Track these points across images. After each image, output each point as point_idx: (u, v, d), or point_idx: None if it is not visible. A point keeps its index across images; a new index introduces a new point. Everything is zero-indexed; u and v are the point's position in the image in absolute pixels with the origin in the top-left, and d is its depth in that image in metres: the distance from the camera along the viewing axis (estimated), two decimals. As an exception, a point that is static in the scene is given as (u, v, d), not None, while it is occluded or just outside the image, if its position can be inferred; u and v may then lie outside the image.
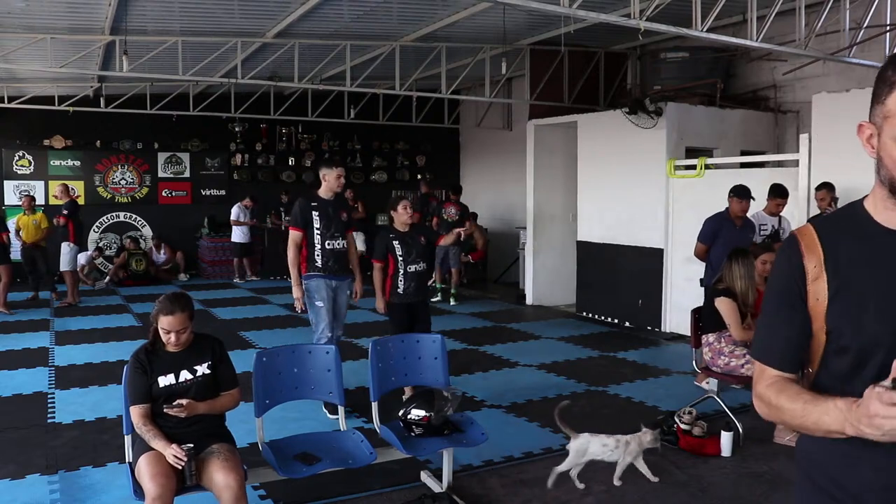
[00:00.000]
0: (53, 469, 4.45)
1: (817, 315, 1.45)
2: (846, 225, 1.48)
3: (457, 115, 15.93)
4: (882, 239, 1.41)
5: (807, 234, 1.49)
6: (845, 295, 1.41)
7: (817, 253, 1.45)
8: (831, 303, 1.43)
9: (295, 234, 5.57)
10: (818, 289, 1.44)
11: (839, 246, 1.44)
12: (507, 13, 8.18)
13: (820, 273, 1.44)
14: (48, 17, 8.07)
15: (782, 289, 1.51)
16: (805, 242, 1.48)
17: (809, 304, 1.46)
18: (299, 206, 5.63)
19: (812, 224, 1.51)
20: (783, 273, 1.51)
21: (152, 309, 3.35)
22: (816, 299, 1.45)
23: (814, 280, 1.45)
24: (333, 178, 5.68)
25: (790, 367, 1.52)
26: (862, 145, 1.41)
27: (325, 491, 4.04)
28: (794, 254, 1.49)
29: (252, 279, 13.68)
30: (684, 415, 4.89)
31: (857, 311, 1.39)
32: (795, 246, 1.49)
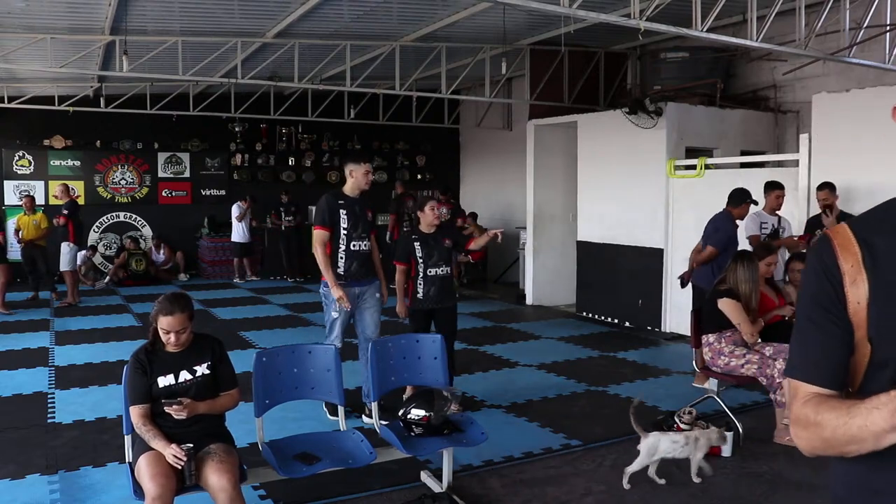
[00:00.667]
0: (53, 469, 4.45)
1: (859, 322, 1.27)
2: (887, 219, 1.30)
3: (457, 115, 15.93)
4: None
5: (840, 232, 1.32)
6: (889, 298, 1.24)
7: (853, 251, 1.28)
8: (873, 306, 1.25)
9: (322, 234, 5.20)
10: (858, 292, 1.27)
11: (879, 243, 1.27)
12: (507, 13, 8.18)
13: (858, 273, 1.27)
14: (48, 17, 8.07)
15: (815, 293, 1.33)
16: (839, 241, 1.30)
17: (850, 309, 1.28)
18: (326, 203, 5.24)
19: (846, 223, 1.34)
20: (816, 276, 1.33)
21: (152, 309, 3.35)
22: (857, 303, 1.27)
23: (852, 282, 1.27)
24: (361, 174, 5.28)
25: (829, 381, 1.32)
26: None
27: (325, 491, 4.04)
28: (826, 255, 1.31)
29: (252, 279, 13.68)
30: (684, 415, 4.89)
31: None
32: (828, 246, 1.31)
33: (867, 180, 6.78)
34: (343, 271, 5.21)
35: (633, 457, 4.23)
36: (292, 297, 11.80)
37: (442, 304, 5.48)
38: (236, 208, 13.48)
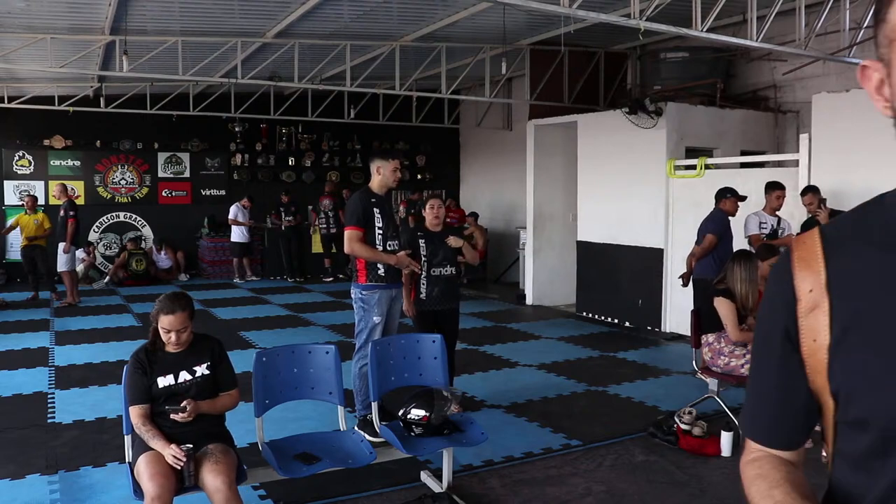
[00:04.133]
0: (53, 469, 4.45)
1: (816, 365, 0.98)
2: (866, 227, 0.97)
3: (457, 115, 15.93)
4: None
5: (806, 242, 1.01)
6: (858, 335, 0.93)
7: (815, 269, 0.98)
8: (836, 347, 0.95)
9: (356, 234, 4.84)
10: (816, 324, 0.96)
11: (852, 259, 0.96)
12: (507, 13, 8.17)
13: (820, 300, 0.96)
14: (48, 17, 8.07)
15: (764, 325, 1.06)
16: (799, 254, 1.00)
17: (804, 348, 0.98)
18: (359, 202, 4.93)
19: (820, 229, 1.03)
20: (767, 302, 1.05)
21: (152, 309, 3.36)
22: (813, 340, 0.97)
23: (809, 311, 0.97)
24: (389, 171, 4.99)
25: (772, 440, 1.08)
26: (872, 99, 0.97)
27: (325, 491, 4.04)
28: (782, 272, 1.01)
29: (252, 279, 13.69)
30: (684, 415, 4.89)
31: (878, 362, 0.91)
32: (785, 261, 1.02)
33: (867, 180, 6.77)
34: (384, 273, 4.93)
35: (634, 457, 4.23)
36: (292, 297, 11.80)
37: (445, 306, 5.39)
38: (234, 208, 13.47)
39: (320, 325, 9.40)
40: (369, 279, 4.91)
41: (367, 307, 4.93)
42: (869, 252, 0.95)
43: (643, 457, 4.68)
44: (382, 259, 4.87)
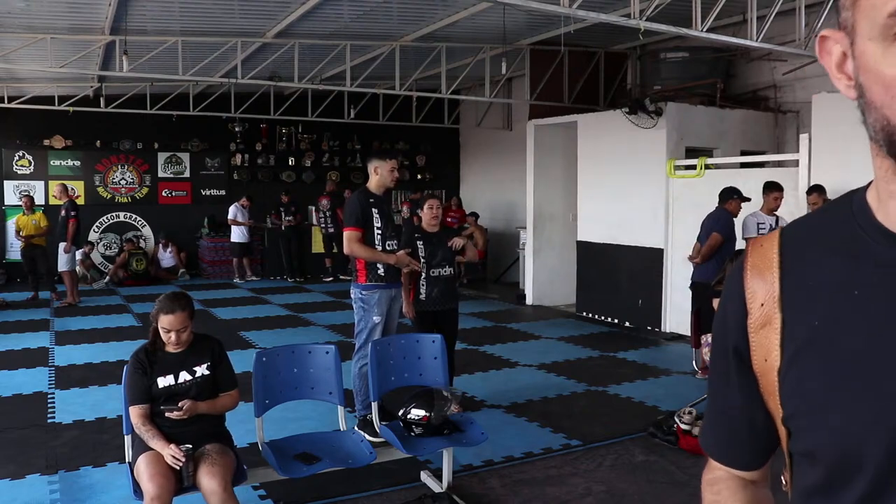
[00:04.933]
0: (53, 469, 4.45)
1: (768, 387, 0.86)
2: (830, 231, 0.84)
3: (457, 115, 15.93)
4: (888, 254, 0.77)
5: (763, 245, 0.89)
6: (810, 359, 0.80)
7: (769, 279, 0.85)
8: (787, 370, 0.83)
9: (355, 234, 4.84)
10: (766, 342, 0.85)
11: (812, 268, 0.83)
12: (507, 13, 8.17)
13: (772, 315, 0.84)
14: (48, 17, 8.07)
15: (715, 340, 0.96)
16: (753, 260, 0.88)
17: (755, 367, 0.87)
18: (358, 202, 4.93)
19: (781, 231, 0.89)
20: (718, 313, 0.94)
21: (152, 309, 3.36)
22: (764, 360, 0.85)
23: (761, 326, 0.85)
24: (387, 171, 5.00)
25: (736, 461, 0.99)
26: (833, 78, 0.79)
27: (325, 491, 4.04)
28: (733, 281, 0.90)
29: (252, 279, 13.68)
30: (684, 415, 4.89)
31: (828, 391, 0.78)
32: (738, 268, 0.90)
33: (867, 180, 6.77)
34: (383, 272, 4.93)
35: (634, 457, 4.23)
36: (292, 297, 11.80)
37: (445, 306, 5.39)
38: (234, 209, 13.47)
39: (320, 325, 9.40)
40: (369, 279, 4.92)
41: (366, 307, 4.93)
42: (830, 261, 0.81)
43: (643, 457, 4.68)
44: (382, 259, 4.88)
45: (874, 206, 0.80)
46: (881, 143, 0.72)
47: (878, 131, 0.71)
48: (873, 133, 0.72)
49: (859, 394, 0.75)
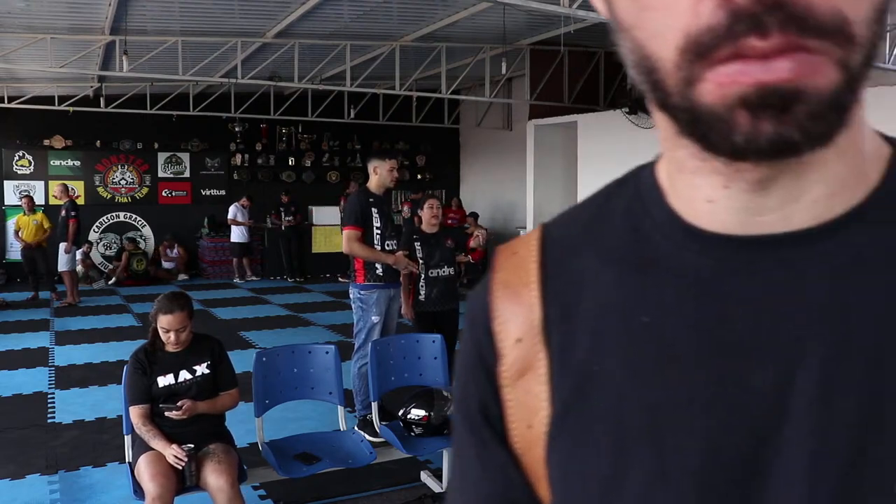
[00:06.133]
0: (53, 469, 4.45)
1: (534, 466, 0.55)
2: (609, 225, 0.55)
3: (457, 115, 15.94)
4: (688, 258, 0.49)
5: (517, 252, 0.59)
6: (585, 419, 0.52)
7: (527, 300, 0.56)
8: (555, 438, 0.53)
9: (354, 233, 4.84)
10: (528, 397, 0.55)
11: (585, 280, 0.54)
12: (507, 13, 8.18)
13: (533, 355, 0.55)
14: (48, 17, 8.07)
15: (457, 398, 0.62)
16: (504, 275, 0.58)
17: (514, 438, 0.56)
18: (357, 201, 4.95)
19: (542, 229, 0.60)
20: (459, 359, 0.62)
21: (152, 308, 3.36)
22: (528, 426, 0.55)
23: (519, 374, 0.55)
24: (386, 170, 4.99)
25: None
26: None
27: (325, 491, 4.04)
28: (476, 308, 0.59)
29: (252, 279, 13.69)
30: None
31: (609, 476, 0.50)
32: (482, 289, 0.60)
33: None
34: (382, 272, 4.94)
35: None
36: (292, 297, 11.80)
37: (445, 307, 5.35)
38: (234, 209, 13.47)
39: (320, 325, 9.40)
40: (367, 279, 4.92)
41: (365, 307, 4.94)
42: (610, 272, 0.53)
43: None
44: (381, 259, 4.88)
45: (665, 186, 0.52)
46: (643, 83, 0.46)
47: (636, 66, 0.46)
48: (634, 73, 0.47)
49: (652, 478, 0.48)
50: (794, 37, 0.38)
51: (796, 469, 0.45)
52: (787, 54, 0.38)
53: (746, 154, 0.41)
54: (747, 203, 0.46)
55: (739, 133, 0.40)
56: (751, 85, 0.39)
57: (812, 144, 0.41)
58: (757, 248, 0.47)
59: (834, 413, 0.44)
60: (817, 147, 0.41)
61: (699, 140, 0.43)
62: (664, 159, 0.53)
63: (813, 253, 0.46)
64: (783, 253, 0.47)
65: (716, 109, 0.40)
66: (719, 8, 0.38)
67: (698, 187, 0.48)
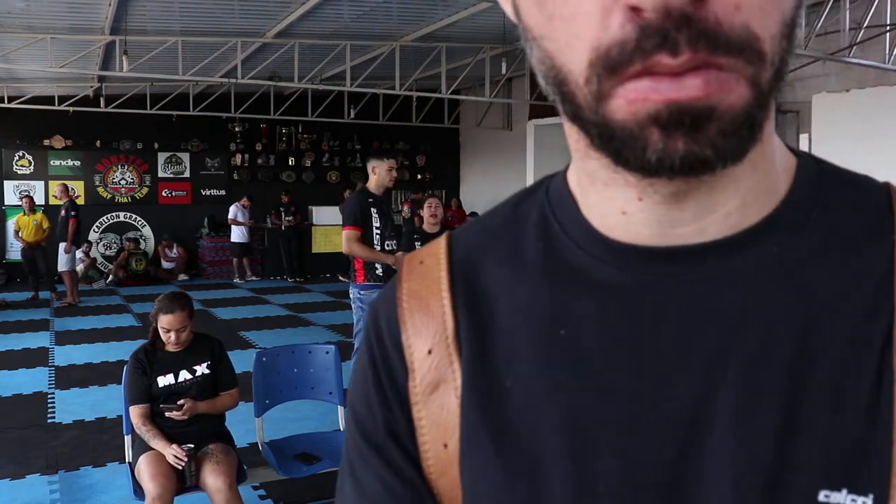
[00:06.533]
0: (53, 469, 4.45)
1: (448, 487, 0.52)
2: (519, 234, 0.54)
3: (457, 115, 15.94)
4: (602, 270, 0.49)
5: (424, 262, 0.57)
6: (497, 432, 0.49)
7: (436, 308, 0.54)
8: (468, 454, 0.51)
9: (353, 234, 4.85)
10: (442, 413, 0.52)
11: (496, 290, 0.52)
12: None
13: (445, 365, 0.52)
14: (48, 17, 8.07)
15: (356, 422, 0.56)
16: (412, 285, 0.56)
17: (427, 461, 0.53)
18: (357, 202, 4.98)
19: (448, 238, 0.58)
20: (357, 376, 0.57)
21: (152, 308, 3.36)
22: (444, 445, 0.52)
23: (432, 388, 0.52)
24: (384, 170, 5.01)
25: None
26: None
27: (325, 491, 4.03)
28: (379, 320, 0.57)
29: (252, 279, 13.69)
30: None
31: (530, 482, 0.48)
32: (387, 300, 0.57)
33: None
34: (381, 272, 4.95)
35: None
36: (292, 297, 11.80)
37: None
38: (234, 208, 13.48)
39: (320, 325, 9.40)
40: (367, 279, 4.94)
41: (365, 307, 4.95)
42: (522, 282, 0.51)
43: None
44: (380, 259, 4.89)
45: (576, 193, 0.51)
46: (553, 94, 0.44)
47: (545, 76, 0.43)
48: (543, 82, 0.44)
49: (569, 500, 0.46)
50: (704, 54, 0.37)
51: (722, 483, 0.44)
52: (697, 71, 0.38)
53: (659, 171, 0.41)
54: (661, 216, 0.46)
55: (652, 150, 0.40)
56: (661, 102, 0.38)
57: (724, 161, 0.40)
58: (673, 260, 0.46)
59: (755, 425, 0.44)
60: (730, 163, 0.41)
61: (611, 155, 0.42)
62: (574, 169, 0.52)
63: (728, 264, 0.46)
64: (699, 264, 0.46)
65: (627, 126, 0.40)
66: (628, 22, 0.38)
67: (611, 199, 0.47)
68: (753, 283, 0.46)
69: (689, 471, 0.45)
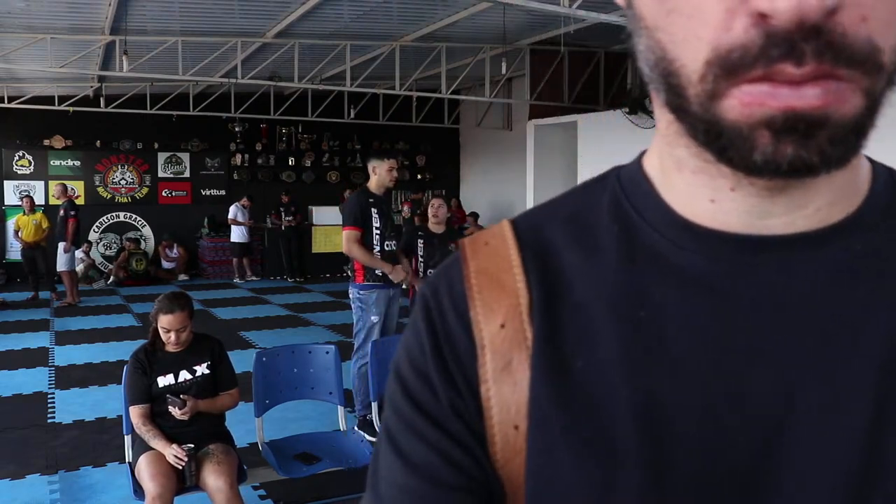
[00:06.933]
0: (53, 469, 4.45)
1: (513, 475, 0.49)
2: (587, 218, 0.53)
3: (457, 115, 15.93)
4: (684, 256, 0.48)
5: (489, 243, 0.55)
6: (565, 415, 0.47)
7: (510, 283, 0.51)
8: (536, 435, 0.48)
9: (353, 234, 4.84)
10: (513, 392, 0.49)
11: (571, 274, 0.51)
12: (507, 13, 8.18)
13: (517, 341, 0.50)
14: (48, 17, 8.07)
15: (404, 396, 0.53)
16: (480, 262, 0.53)
17: (495, 445, 0.49)
18: (357, 202, 4.95)
19: (513, 224, 0.56)
20: (409, 354, 0.54)
21: (152, 308, 3.36)
22: (514, 427, 0.49)
23: (503, 366, 0.50)
24: (385, 170, 5.00)
25: None
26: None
27: (325, 491, 4.04)
28: (444, 296, 0.53)
29: (252, 279, 13.69)
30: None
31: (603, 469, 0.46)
32: (449, 277, 0.54)
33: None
34: (381, 273, 4.94)
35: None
36: (292, 297, 11.80)
37: None
38: (234, 208, 13.48)
39: (320, 325, 9.40)
40: (367, 279, 4.93)
41: (364, 307, 4.95)
42: (596, 265, 0.50)
43: None
44: (377, 265, 4.88)
45: (656, 179, 0.51)
46: (657, 83, 0.44)
47: (653, 66, 0.43)
48: (647, 69, 0.44)
49: (645, 488, 0.45)
50: (827, 66, 0.37)
51: (808, 477, 0.44)
52: (816, 81, 0.38)
53: (763, 172, 0.41)
54: (752, 207, 0.46)
55: (759, 153, 0.40)
56: (779, 109, 0.38)
57: (829, 167, 0.41)
58: (761, 249, 0.46)
59: (845, 419, 0.44)
60: (834, 169, 0.41)
61: (715, 152, 0.42)
62: (656, 155, 0.52)
63: (817, 256, 0.46)
64: (787, 255, 0.46)
65: (738, 127, 0.40)
66: (752, 27, 0.38)
67: (700, 186, 0.47)
68: (843, 277, 0.46)
69: (773, 463, 0.44)
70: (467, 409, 0.51)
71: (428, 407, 0.52)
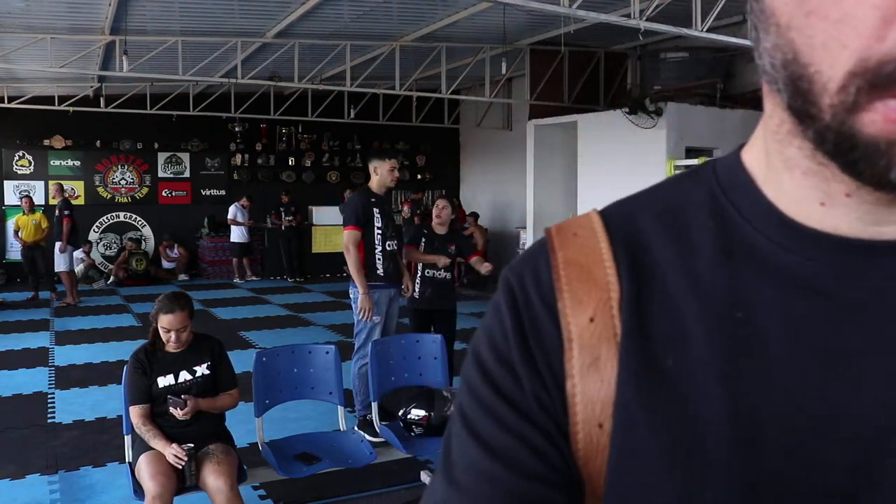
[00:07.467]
0: (53, 469, 4.45)
1: (594, 475, 0.47)
2: (681, 211, 0.51)
3: (457, 115, 15.93)
4: (787, 255, 0.46)
5: (577, 233, 0.52)
6: (653, 415, 0.46)
7: (601, 276, 0.50)
8: (619, 444, 0.47)
9: (354, 234, 4.83)
10: (600, 388, 0.47)
11: (664, 269, 0.49)
12: (507, 13, 8.18)
13: (605, 341, 0.48)
14: (48, 17, 8.07)
15: (488, 387, 0.50)
16: (569, 253, 0.51)
17: (578, 442, 0.47)
18: (359, 201, 4.95)
19: (602, 215, 0.54)
20: (491, 342, 0.52)
21: (152, 308, 3.36)
22: (598, 425, 0.47)
23: (591, 361, 0.48)
24: (386, 170, 4.98)
25: None
26: None
27: (325, 491, 4.04)
28: (530, 284, 0.51)
29: (252, 279, 13.69)
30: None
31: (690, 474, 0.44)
32: (535, 266, 0.52)
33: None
34: (383, 273, 4.94)
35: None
36: (292, 297, 11.80)
37: (439, 307, 5.38)
38: (234, 208, 13.47)
39: (320, 325, 9.40)
40: (369, 278, 4.92)
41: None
42: (690, 260, 0.48)
43: None
44: (362, 285, 4.82)
45: (759, 177, 0.49)
46: (780, 84, 0.41)
47: (779, 66, 0.41)
48: (770, 67, 0.41)
49: (737, 499, 0.43)
50: None
51: None
52: None
53: (894, 189, 0.39)
54: (866, 213, 0.43)
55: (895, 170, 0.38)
56: None
57: None
58: (872, 254, 0.44)
59: None
60: None
61: (845, 164, 0.40)
62: (761, 150, 0.49)
63: None
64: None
65: (875, 142, 0.37)
66: None
67: (810, 188, 0.44)
68: None
69: (871, 481, 0.41)
70: (552, 403, 0.48)
71: (509, 392, 0.49)
